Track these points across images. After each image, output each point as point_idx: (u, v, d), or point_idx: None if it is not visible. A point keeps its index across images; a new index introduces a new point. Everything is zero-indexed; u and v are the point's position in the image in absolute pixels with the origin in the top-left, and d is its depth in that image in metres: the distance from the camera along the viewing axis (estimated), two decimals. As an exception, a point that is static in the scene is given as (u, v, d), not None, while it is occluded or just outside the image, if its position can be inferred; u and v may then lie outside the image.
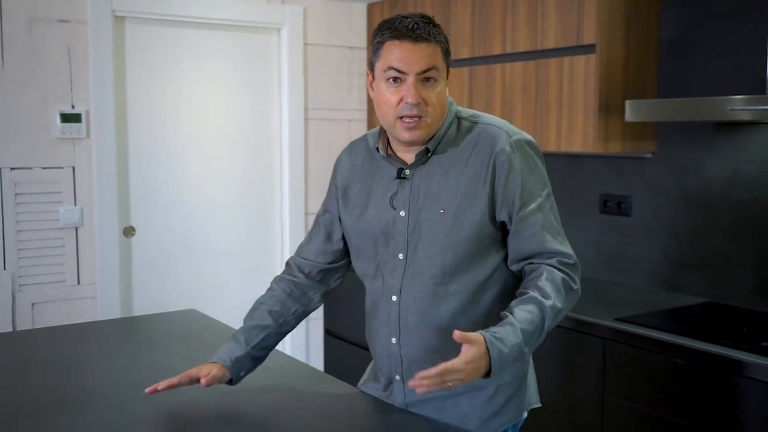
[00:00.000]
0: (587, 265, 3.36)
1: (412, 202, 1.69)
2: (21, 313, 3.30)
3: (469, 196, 1.65)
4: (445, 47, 1.65)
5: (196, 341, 2.33)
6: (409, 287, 1.70)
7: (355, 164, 1.82)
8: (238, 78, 3.84)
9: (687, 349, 2.34)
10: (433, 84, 1.62)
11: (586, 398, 2.66)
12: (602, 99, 2.90)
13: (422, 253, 1.68)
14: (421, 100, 1.60)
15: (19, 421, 1.69)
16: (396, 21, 1.62)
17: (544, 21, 3.08)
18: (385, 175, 1.74)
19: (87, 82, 3.38)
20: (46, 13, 3.28)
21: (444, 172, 1.67)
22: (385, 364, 1.79)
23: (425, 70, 1.60)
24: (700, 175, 2.93)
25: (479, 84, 3.39)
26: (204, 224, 3.80)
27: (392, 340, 1.74)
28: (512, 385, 1.77)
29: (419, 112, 1.61)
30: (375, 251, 1.76)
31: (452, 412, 1.74)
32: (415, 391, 1.66)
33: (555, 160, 3.47)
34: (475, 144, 1.67)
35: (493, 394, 1.73)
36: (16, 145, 3.25)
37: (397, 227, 1.70)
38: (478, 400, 1.73)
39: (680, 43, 2.97)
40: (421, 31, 1.59)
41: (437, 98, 1.63)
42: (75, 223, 3.40)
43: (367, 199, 1.77)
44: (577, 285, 1.67)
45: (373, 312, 1.80)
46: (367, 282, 1.81)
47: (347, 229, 1.82)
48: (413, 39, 1.59)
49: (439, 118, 1.66)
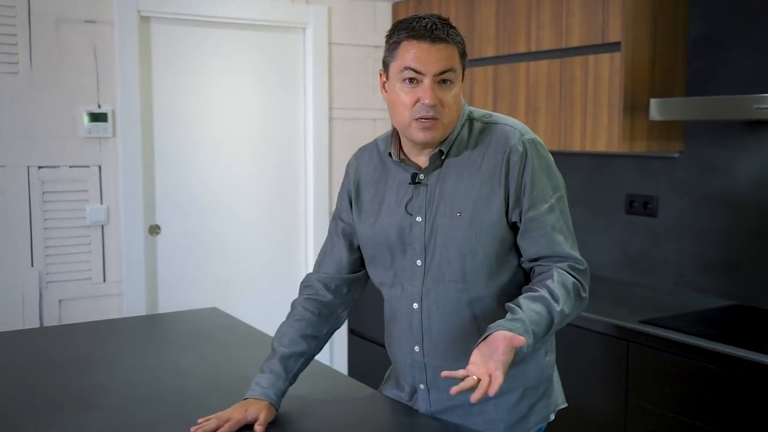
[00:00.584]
0: (612, 267, 3.32)
1: (428, 206, 1.66)
2: (48, 310, 3.34)
3: (484, 197, 1.62)
4: (462, 48, 1.61)
5: (216, 340, 2.34)
6: (430, 294, 1.67)
7: (366, 170, 1.78)
8: (262, 78, 3.85)
9: (712, 353, 2.30)
10: (449, 86, 1.58)
11: (610, 401, 2.62)
12: (627, 98, 2.85)
13: (441, 258, 1.65)
14: (438, 101, 1.57)
15: (29, 418, 1.71)
16: (413, 21, 1.59)
17: (569, 19, 3.04)
18: (398, 181, 1.71)
19: (113, 82, 3.41)
20: (73, 14, 3.32)
21: (458, 175, 1.64)
22: (408, 373, 1.76)
23: (442, 72, 1.56)
24: (728, 175, 2.88)
25: (503, 83, 3.36)
26: (228, 223, 3.82)
27: (415, 349, 1.71)
28: (538, 389, 1.74)
29: (435, 114, 1.58)
30: (391, 259, 1.72)
31: (479, 418, 1.71)
32: (440, 400, 1.70)
33: (580, 159, 3.43)
34: (488, 144, 1.64)
35: (519, 399, 1.71)
36: (43, 144, 3.29)
37: (414, 233, 1.67)
38: (505, 405, 1.70)
39: (708, 41, 2.92)
40: (439, 32, 1.56)
41: (453, 100, 1.59)
42: (101, 221, 3.43)
43: (380, 205, 1.73)
44: (586, 293, 1.64)
45: (393, 321, 1.76)
46: (385, 291, 1.77)
47: (361, 238, 1.78)
48: (431, 39, 1.55)
49: (454, 120, 1.63)
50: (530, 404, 1.73)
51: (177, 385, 1.92)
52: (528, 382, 1.71)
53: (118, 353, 2.20)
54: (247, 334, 2.40)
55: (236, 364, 2.10)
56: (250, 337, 2.37)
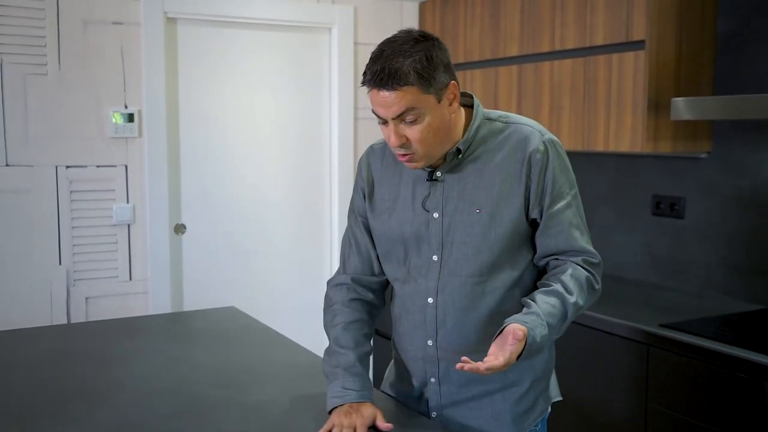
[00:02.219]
0: (638, 269, 3.26)
1: (446, 203, 1.69)
2: (75, 307, 3.40)
3: (505, 194, 1.65)
4: (423, 81, 1.55)
5: (231, 338, 2.36)
6: (445, 288, 1.69)
7: (379, 168, 1.80)
8: (288, 78, 3.86)
9: (733, 358, 2.24)
10: (415, 122, 1.58)
11: (629, 406, 2.57)
12: (651, 97, 2.80)
13: (458, 253, 1.67)
14: (405, 139, 1.59)
15: (43, 411, 1.73)
16: (370, 63, 1.58)
17: (593, 17, 3.00)
18: (414, 178, 1.73)
19: (140, 83, 3.46)
20: (101, 15, 3.37)
21: (478, 172, 1.67)
22: (419, 367, 1.77)
23: (399, 115, 1.57)
24: (757, 176, 2.80)
25: (527, 82, 3.32)
26: (253, 222, 3.84)
27: (428, 343, 1.73)
28: (543, 380, 1.78)
29: (406, 151, 1.61)
30: (405, 254, 1.74)
31: (487, 410, 1.74)
32: (450, 393, 1.74)
33: (606, 159, 3.38)
34: (508, 143, 1.67)
35: (527, 390, 1.74)
36: (71, 144, 3.35)
37: (431, 229, 1.70)
38: (513, 396, 1.73)
39: (736, 38, 2.85)
40: (386, 79, 1.53)
41: (423, 133, 1.59)
42: (127, 220, 3.48)
43: (395, 202, 1.75)
44: (599, 285, 1.69)
45: (404, 315, 1.78)
46: (398, 286, 1.78)
47: (376, 233, 1.80)
48: (379, 87, 1.56)
49: (433, 146, 1.62)
50: (535, 396, 1.76)
51: (189, 381, 1.94)
52: (536, 373, 1.75)
53: (135, 350, 2.22)
54: (262, 334, 2.41)
55: (249, 362, 2.11)
56: (265, 337, 2.38)
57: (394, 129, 1.59)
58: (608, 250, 3.40)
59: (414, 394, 1.81)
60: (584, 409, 2.75)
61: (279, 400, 1.82)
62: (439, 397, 1.76)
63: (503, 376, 1.70)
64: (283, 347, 2.26)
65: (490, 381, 1.70)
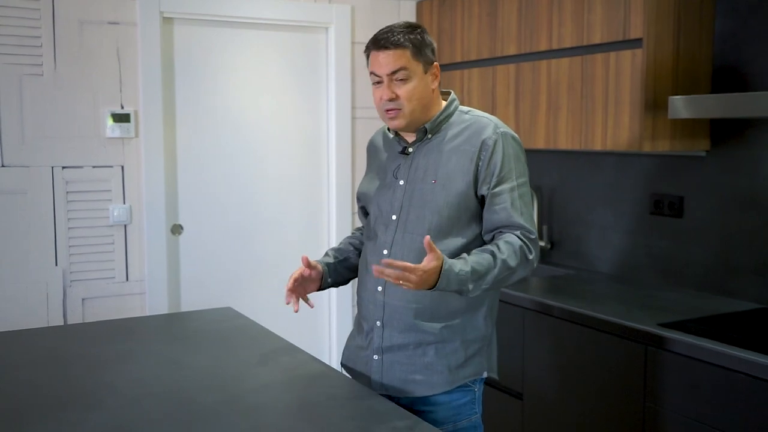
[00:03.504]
0: (637, 268, 3.25)
1: (411, 173, 2.02)
2: (72, 308, 3.39)
3: (457, 170, 1.96)
4: (415, 49, 1.94)
5: (227, 339, 2.35)
6: (398, 243, 2.00)
7: (377, 146, 2.19)
8: (285, 77, 3.85)
9: (731, 358, 2.23)
10: (404, 82, 1.94)
11: (627, 406, 2.56)
12: (649, 95, 2.78)
13: (413, 215, 1.99)
14: (395, 95, 1.95)
15: (36, 414, 1.72)
16: (377, 34, 1.98)
17: (590, 15, 2.98)
18: (394, 152, 2.10)
19: (136, 83, 3.45)
20: (97, 15, 3.36)
21: (438, 151, 2.00)
22: (370, 311, 2.06)
23: (393, 72, 1.94)
24: (756, 175, 2.79)
25: (525, 81, 3.31)
26: (251, 223, 3.83)
27: (378, 288, 2.03)
28: (475, 343, 2.01)
29: (395, 106, 1.96)
30: (375, 214, 2.09)
31: (421, 359, 1.99)
32: (391, 337, 2.01)
33: (605, 159, 3.36)
34: (467, 130, 1.99)
35: (458, 347, 1.99)
36: (67, 145, 3.34)
37: (396, 194, 2.04)
38: (445, 350, 1.98)
39: (735, 37, 2.83)
40: (387, 42, 1.94)
41: (410, 92, 1.95)
42: (124, 220, 3.47)
43: (378, 171, 2.13)
44: (532, 255, 1.93)
45: (364, 266, 2.10)
46: (367, 242, 2.12)
47: (363, 200, 2.18)
48: (378, 48, 1.95)
49: (416, 108, 1.96)
50: (467, 356, 2.00)
51: (185, 383, 1.93)
52: (465, 335, 2.00)
53: (131, 352, 2.21)
54: (259, 335, 2.40)
55: (244, 363, 2.10)
56: (260, 338, 2.36)
57: (387, 85, 1.95)
58: (606, 250, 3.38)
59: (364, 342, 2.09)
60: (582, 408, 2.74)
61: (276, 401, 1.81)
62: (382, 339, 2.03)
63: (437, 331, 1.97)
64: (280, 348, 2.25)
65: (426, 332, 1.97)
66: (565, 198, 3.59)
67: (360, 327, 2.13)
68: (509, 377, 3.02)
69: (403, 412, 1.76)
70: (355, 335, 2.17)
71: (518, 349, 3.00)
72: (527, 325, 2.96)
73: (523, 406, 2.99)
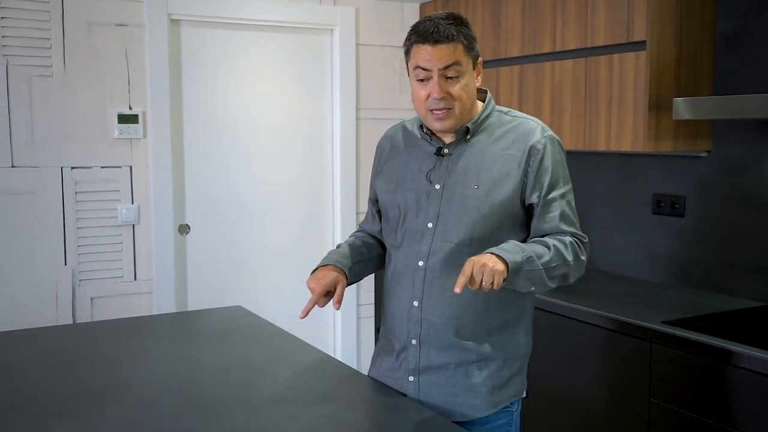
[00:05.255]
0: (639, 267, 3.29)
1: (448, 176, 1.85)
2: (81, 307, 3.42)
3: (503, 176, 1.81)
4: (468, 44, 1.79)
5: (238, 337, 2.38)
6: (436, 253, 1.83)
7: (393, 145, 2.00)
8: (290, 78, 3.89)
9: (734, 354, 2.27)
10: (456, 79, 1.78)
11: (632, 402, 2.60)
12: (652, 97, 2.83)
13: (452, 223, 1.82)
14: (446, 94, 1.78)
15: (51, 411, 1.76)
16: (421, 25, 1.79)
17: (594, 18, 3.02)
18: (423, 153, 1.91)
19: (144, 84, 3.48)
20: (105, 17, 3.39)
21: (481, 153, 1.84)
22: (403, 329, 1.89)
23: (446, 67, 1.76)
24: (757, 175, 2.83)
25: (529, 82, 3.35)
26: (257, 223, 3.87)
27: (414, 303, 1.86)
28: (517, 361, 1.89)
29: (446, 105, 1.79)
30: (403, 220, 1.90)
31: (463, 380, 1.84)
32: (429, 356, 1.85)
33: (607, 159, 3.41)
34: (512, 133, 1.85)
35: (501, 367, 1.85)
36: (76, 145, 3.37)
37: (431, 199, 1.85)
38: (488, 370, 1.84)
39: (736, 38, 2.88)
40: (439, 35, 1.75)
41: (462, 90, 1.79)
42: (132, 220, 3.51)
43: (404, 173, 1.93)
44: (584, 256, 1.82)
45: (395, 278, 1.92)
46: (394, 251, 1.94)
47: (383, 202, 1.98)
48: (433, 42, 1.75)
49: (466, 107, 1.82)
50: (509, 375, 1.87)
51: (199, 380, 1.96)
52: (509, 352, 1.86)
53: (143, 349, 2.25)
54: (269, 333, 2.43)
55: (257, 361, 2.14)
56: (272, 335, 2.40)
57: (439, 82, 1.76)
58: (609, 249, 3.43)
59: (395, 364, 1.92)
60: (588, 405, 2.78)
61: (289, 397, 1.84)
62: (418, 359, 1.86)
63: (479, 348, 1.82)
64: (291, 345, 2.29)
65: (468, 351, 1.82)
66: (568, 198, 3.63)
67: (388, 346, 1.96)
68: (514, 374, 3.06)
69: (422, 408, 1.79)
70: (381, 355, 1.99)
71: (523, 347, 3.04)
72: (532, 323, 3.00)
73: (528, 404, 3.03)
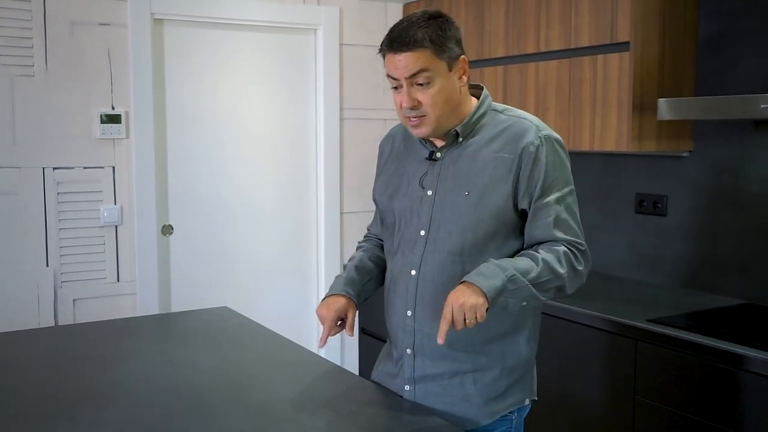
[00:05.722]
0: (622, 266, 3.32)
1: (440, 182, 1.79)
2: (63, 309, 3.39)
3: (494, 180, 1.73)
4: (436, 47, 1.69)
5: (229, 338, 2.37)
6: (428, 262, 1.79)
7: (393, 147, 1.96)
8: (274, 78, 3.88)
9: (718, 351, 2.30)
10: (427, 85, 1.70)
11: (617, 399, 2.63)
12: (636, 97, 2.86)
13: (444, 231, 1.77)
14: (416, 102, 1.71)
15: (50, 413, 1.74)
16: (392, 30, 1.72)
17: (577, 19, 3.05)
18: (419, 157, 1.85)
19: (127, 84, 3.46)
20: (88, 17, 3.36)
21: (472, 157, 1.77)
22: (399, 338, 1.87)
23: (413, 75, 1.69)
24: (738, 174, 2.88)
25: (513, 83, 3.37)
26: (241, 223, 3.86)
27: (408, 313, 1.83)
28: (517, 370, 1.82)
29: (417, 113, 1.72)
30: (398, 227, 1.86)
31: (458, 390, 1.80)
32: (424, 366, 1.82)
33: (590, 159, 3.44)
34: (505, 134, 1.76)
35: (498, 376, 1.80)
36: (58, 145, 3.34)
37: (423, 206, 1.80)
38: (484, 379, 1.79)
39: (718, 40, 2.92)
40: (402, 42, 1.68)
41: (435, 97, 1.71)
42: (115, 221, 3.48)
43: (400, 178, 1.88)
44: (582, 266, 1.74)
45: (392, 287, 1.88)
46: (390, 258, 1.90)
47: (380, 207, 1.95)
48: (396, 50, 1.69)
49: (443, 112, 1.73)
50: (508, 384, 1.81)
51: (192, 381, 1.95)
52: (506, 361, 1.80)
53: (134, 351, 2.23)
54: (258, 333, 2.43)
55: (249, 361, 2.13)
56: (262, 336, 2.40)
57: (407, 91, 1.70)
58: (593, 248, 3.44)
59: (394, 370, 1.90)
60: (573, 402, 2.81)
61: (283, 397, 1.84)
62: (413, 369, 1.84)
63: (474, 358, 1.78)
64: (280, 346, 2.29)
65: (462, 361, 1.79)
66: (551, 197, 3.66)
67: (389, 353, 1.95)
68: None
69: (417, 406, 1.80)
70: (384, 359, 1.98)
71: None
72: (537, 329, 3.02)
73: (514, 402, 3.05)
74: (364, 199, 4.13)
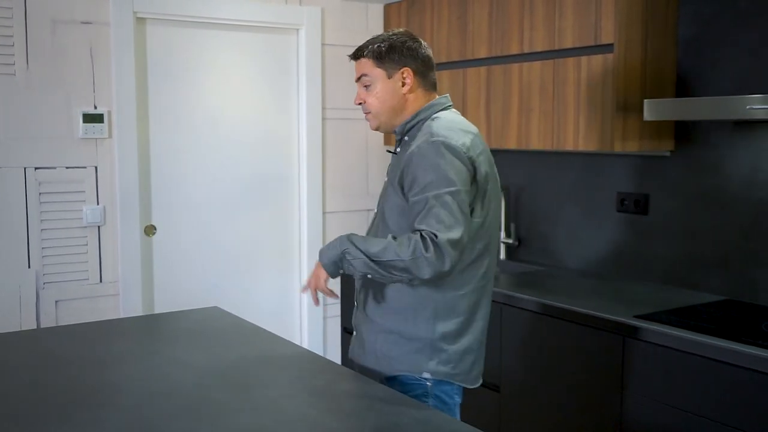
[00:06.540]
0: (603, 264, 3.38)
1: (389, 177, 2.14)
2: (45, 311, 3.35)
3: (396, 178, 2.05)
4: (376, 59, 2.09)
5: (221, 337, 2.37)
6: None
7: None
8: (256, 78, 3.88)
9: (706, 346, 2.36)
10: (369, 88, 2.13)
11: (605, 395, 2.68)
12: (620, 98, 2.91)
13: (378, 219, 2.15)
14: (362, 100, 2.15)
15: (46, 416, 1.73)
16: None
17: (561, 20, 3.10)
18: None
19: (109, 83, 3.43)
20: (70, 15, 3.33)
21: (400, 157, 2.09)
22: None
23: (358, 78, 2.15)
24: (718, 174, 2.95)
25: (496, 84, 3.41)
26: (223, 223, 3.84)
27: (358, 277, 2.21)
28: (413, 342, 2.04)
29: (364, 110, 2.16)
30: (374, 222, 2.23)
31: (372, 346, 2.14)
32: (357, 316, 2.21)
33: (572, 158, 3.49)
34: (416, 140, 2.04)
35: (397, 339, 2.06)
36: (40, 145, 3.30)
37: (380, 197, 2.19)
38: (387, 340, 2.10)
39: (698, 42, 2.99)
40: (355, 52, 2.15)
41: (373, 98, 2.12)
42: (97, 221, 3.45)
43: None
44: (430, 252, 1.86)
45: None
46: None
47: None
48: (352, 57, 2.17)
49: (382, 112, 2.12)
50: (387, 347, 2.07)
51: (187, 381, 1.95)
52: (403, 332, 2.05)
53: (126, 352, 2.22)
54: (251, 332, 2.43)
55: (244, 359, 2.14)
56: (254, 335, 2.40)
57: (358, 91, 2.16)
58: (574, 246, 3.51)
59: None
60: (560, 398, 2.85)
61: (283, 395, 1.85)
62: (355, 317, 2.24)
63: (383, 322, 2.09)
64: (275, 344, 2.29)
65: (375, 322, 2.11)
66: (534, 196, 3.71)
67: None
68: (487, 370, 3.11)
69: (411, 400, 1.83)
70: None
71: (496, 343, 3.09)
72: (504, 318, 3.06)
73: (501, 399, 3.09)
74: (347, 199, 4.14)
